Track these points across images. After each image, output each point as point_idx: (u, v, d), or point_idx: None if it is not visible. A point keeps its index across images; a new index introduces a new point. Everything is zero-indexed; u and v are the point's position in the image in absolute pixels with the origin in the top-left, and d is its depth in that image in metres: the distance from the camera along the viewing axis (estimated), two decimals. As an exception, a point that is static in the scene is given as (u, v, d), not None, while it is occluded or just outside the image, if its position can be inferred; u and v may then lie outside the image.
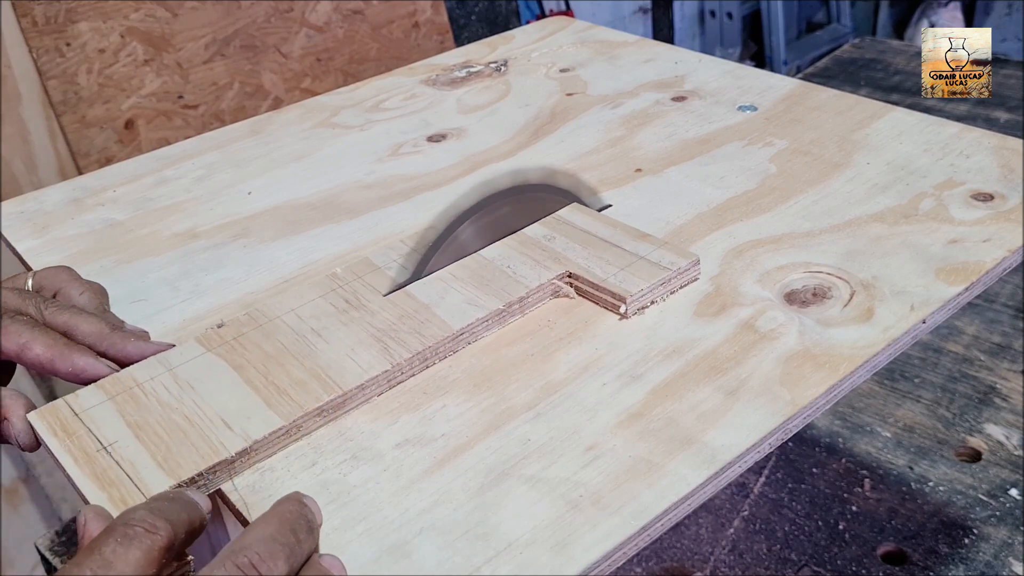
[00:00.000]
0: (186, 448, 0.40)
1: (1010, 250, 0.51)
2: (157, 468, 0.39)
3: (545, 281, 0.49)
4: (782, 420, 0.41)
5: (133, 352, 0.46)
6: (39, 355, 0.45)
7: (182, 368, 0.45)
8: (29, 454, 1.40)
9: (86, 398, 0.43)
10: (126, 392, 0.43)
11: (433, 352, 0.46)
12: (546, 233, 0.53)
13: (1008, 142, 0.62)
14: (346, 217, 0.60)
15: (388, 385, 0.44)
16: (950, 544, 0.70)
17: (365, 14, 1.58)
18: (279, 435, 0.41)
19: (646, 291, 0.48)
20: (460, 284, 0.49)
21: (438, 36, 1.70)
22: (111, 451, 0.40)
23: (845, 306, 0.48)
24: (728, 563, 0.70)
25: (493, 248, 0.52)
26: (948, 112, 1.28)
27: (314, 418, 0.42)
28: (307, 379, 0.44)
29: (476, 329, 0.47)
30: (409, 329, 0.46)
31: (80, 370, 0.45)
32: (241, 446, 0.40)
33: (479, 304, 0.48)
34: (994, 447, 0.78)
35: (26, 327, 0.45)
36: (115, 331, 0.47)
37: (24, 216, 0.63)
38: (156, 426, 0.41)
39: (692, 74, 0.76)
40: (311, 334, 0.47)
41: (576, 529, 0.36)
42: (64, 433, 0.42)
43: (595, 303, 0.49)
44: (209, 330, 0.47)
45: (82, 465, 0.40)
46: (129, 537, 0.31)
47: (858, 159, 0.61)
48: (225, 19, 1.43)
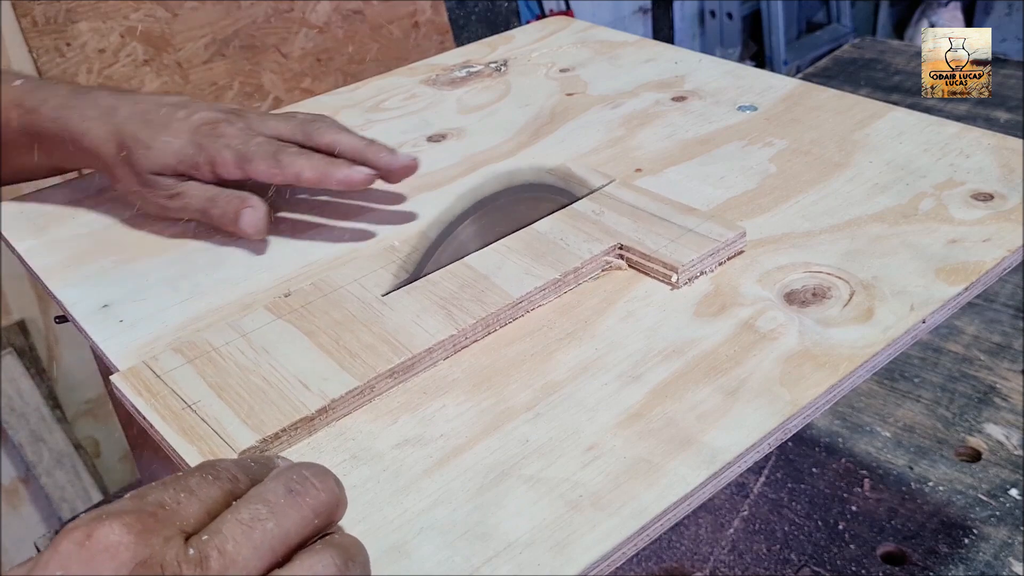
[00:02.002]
0: (267, 406, 0.42)
1: (1010, 250, 0.51)
2: (242, 425, 0.41)
3: (598, 253, 0.51)
4: (782, 420, 0.41)
5: (391, 161, 0.55)
6: (309, 178, 0.54)
7: (255, 334, 0.47)
8: (29, 455, 1.40)
9: (165, 361, 0.45)
10: (203, 356, 0.45)
11: (495, 319, 0.47)
12: (595, 208, 0.54)
13: (1008, 142, 0.62)
14: (346, 217, 0.60)
15: (453, 349, 0.46)
16: (950, 544, 0.70)
17: (365, 14, 1.58)
18: (354, 395, 0.43)
19: (696, 261, 0.50)
20: (516, 256, 0.51)
21: (438, 36, 1.70)
22: (196, 409, 0.42)
23: (845, 306, 0.48)
24: (728, 563, 0.70)
25: (545, 222, 0.54)
26: (948, 112, 1.28)
27: (386, 379, 0.44)
28: (377, 343, 0.45)
29: (533, 297, 0.49)
30: (470, 297, 0.48)
31: (346, 178, 0.54)
32: (320, 404, 0.42)
33: (535, 274, 0.49)
34: (994, 447, 0.78)
35: (295, 156, 0.54)
36: (370, 145, 0.55)
37: (24, 216, 0.63)
38: (236, 387, 0.43)
39: (692, 74, 0.76)
40: (376, 302, 0.48)
41: (576, 529, 0.36)
42: (148, 393, 0.43)
43: (646, 274, 0.51)
44: (277, 299, 0.49)
45: (170, 422, 0.42)
46: (214, 477, 0.31)
47: (858, 159, 0.61)
48: (225, 19, 1.43)
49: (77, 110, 0.58)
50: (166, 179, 0.57)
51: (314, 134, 0.57)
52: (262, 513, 0.30)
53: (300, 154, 0.55)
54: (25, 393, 1.40)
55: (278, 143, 0.56)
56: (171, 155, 0.56)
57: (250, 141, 0.56)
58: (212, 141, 0.56)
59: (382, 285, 0.49)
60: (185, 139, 0.56)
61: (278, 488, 0.31)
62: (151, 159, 0.56)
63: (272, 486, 0.31)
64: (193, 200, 0.57)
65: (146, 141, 0.56)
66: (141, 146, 0.56)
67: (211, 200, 0.56)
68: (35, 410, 1.41)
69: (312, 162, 0.55)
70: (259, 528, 0.29)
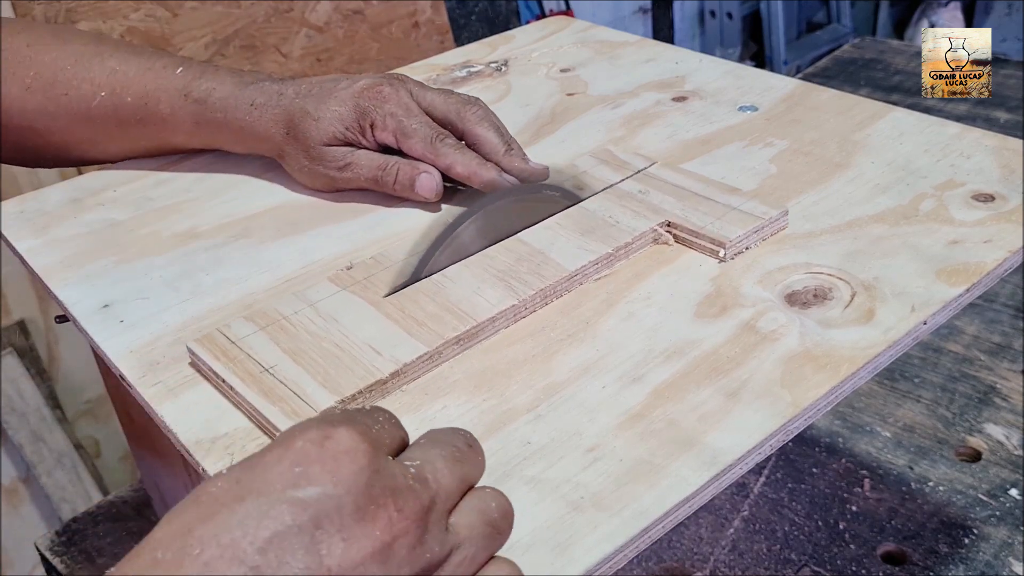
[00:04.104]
0: (342, 370, 0.44)
1: (1011, 251, 0.51)
2: (320, 387, 0.43)
3: (647, 229, 0.53)
4: (783, 422, 0.41)
5: (521, 170, 0.58)
6: (459, 173, 0.58)
7: (322, 304, 0.48)
8: (29, 455, 1.40)
9: (238, 328, 0.47)
10: (275, 324, 0.47)
11: (552, 290, 0.49)
12: (640, 188, 0.56)
13: (1008, 142, 0.62)
14: (346, 217, 0.60)
15: (514, 319, 0.48)
16: (950, 544, 0.70)
17: (365, 14, 1.58)
18: (424, 360, 0.45)
19: (743, 237, 0.52)
20: (567, 232, 0.53)
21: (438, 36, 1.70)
22: (273, 373, 0.44)
23: (846, 307, 0.48)
24: (728, 563, 0.70)
25: (593, 200, 0.56)
26: (948, 112, 1.28)
27: (452, 346, 0.46)
28: (441, 313, 0.47)
29: (588, 271, 0.51)
30: (528, 270, 0.50)
31: (491, 182, 0.57)
32: (393, 368, 0.44)
33: (588, 249, 0.51)
34: (994, 447, 0.78)
35: (451, 149, 0.58)
36: (508, 152, 0.59)
37: (24, 216, 0.63)
38: (310, 352, 0.45)
39: (692, 74, 0.76)
40: (438, 275, 0.50)
41: (577, 531, 0.36)
42: (226, 358, 0.45)
43: (693, 249, 0.53)
44: (339, 271, 0.51)
45: (250, 384, 0.43)
46: (385, 418, 0.32)
47: (859, 159, 0.61)
48: (225, 19, 1.43)
49: (245, 99, 0.61)
50: (336, 149, 0.60)
51: (466, 118, 0.60)
52: (458, 453, 0.32)
53: (456, 148, 0.58)
54: (25, 393, 1.40)
55: (438, 128, 0.59)
56: (339, 122, 0.59)
57: (412, 117, 0.59)
58: (376, 106, 0.59)
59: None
60: (350, 105, 0.59)
61: (458, 438, 0.33)
62: (321, 130, 0.59)
63: (451, 436, 0.33)
64: (364, 169, 0.59)
65: (314, 114, 0.59)
66: (310, 119, 0.59)
67: (382, 168, 0.59)
68: (35, 410, 1.41)
69: (465, 158, 0.58)
70: (458, 464, 0.31)
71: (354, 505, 0.27)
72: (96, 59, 0.64)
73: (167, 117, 0.63)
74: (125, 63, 0.64)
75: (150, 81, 0.63)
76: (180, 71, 0.63)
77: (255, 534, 0.26)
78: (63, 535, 0.80)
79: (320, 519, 0.27)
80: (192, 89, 0.62)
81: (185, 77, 0.63)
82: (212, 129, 0.63)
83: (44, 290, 0.56)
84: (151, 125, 0.64)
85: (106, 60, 0.64)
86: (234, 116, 0.61)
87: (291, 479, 0.27)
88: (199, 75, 0.63)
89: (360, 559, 0.27)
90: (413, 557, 0.28)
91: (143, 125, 0.64)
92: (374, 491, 0.28)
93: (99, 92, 0.63)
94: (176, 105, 0.63)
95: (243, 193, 0.64)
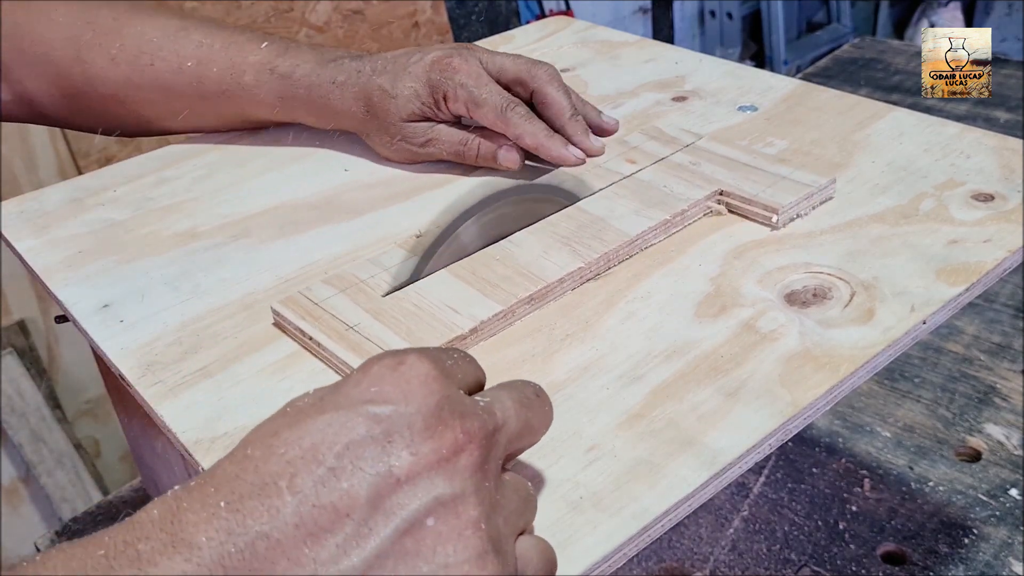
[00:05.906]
0: (423, 327, 0.46)
1: (1010, 251, 0.51)
2: (403, 343, 0.45)
3: (701, 197, 0.55)
4: (783, 421, 0.41)
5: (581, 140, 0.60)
6: (528, 143, 0.60)
7: (395, 269, 0.50)
8: (29, 455, 1.40)
9: (319, 291, 0.49)
10: (353, 287, 0.49)
11: (615, 254, 0.51)
12: (691, 159, 0.59)
13: (1008, 142, 0.62)
14: (346, 217, 0.60)
15: (580, 281, 0.50)
16: (950, 544, 0.70)
17: (365, 14, 1.58)
18: (499, 318, 0.47)
19: (794, 203, 0.54)
20: (625, 200, 0.55)
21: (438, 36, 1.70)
22: (358, 330, 0.46)
23: (846, 307, 0.48)
24: (728, 563, 0.71)
25: (647, 171, 0.58)
26: (948, 112, 1.28)
27: (525, 305, 0.48)
28: (512, 275, 0.49)
29: (647, 236, 0.53)
30: (590, 236, 0.52)
31: (559, 156, 0.59)
32: (471, 325, 0.46)
33: (647, 216, 0.53)
34: (994, 447, 0.78)
35: (521, 119, 0.59)
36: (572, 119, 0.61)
37: (24, 216, 0.63)
38: (390, 311, 0.47)
39: (692, 74, 0.76)
40: (504, 242, 0.52)
41: (577, 530, 0.36)
42: (311, 317, 0.47)
43: (746, 217, 0.55)
44: (409, 238, 0.53)
45: (337, 341, 0.45)
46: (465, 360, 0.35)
47: (859, 159, 0.61)
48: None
49: (327, 76, 0.62)
50: (416, 125, 0.61)
51: (537, 76, 0.61)
52: (526, 400, 0.34)
53: (526, 118, 0.60)
54: (25, 393, 1.41)
55: (508, 97, 0.60)
56: (415, 99, 0.60)
57: (482, 87, 0.59)
58: (447, 77, 0.59)
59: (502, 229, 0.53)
60: (423, 80, 0.60)
61: (528, 388, 0.35)
62: (399, 107, 0.60)
63: (522, 385, 0.35)
64: (445, 145, 0.61)
65: (391, 91, 0.60)
66: (388, 97, 0.60)
67: (463, 143, 0.61)
68: (35, 410, 1.41)
69: (534, 129, 0.60)
70: (524, 408, 0.34)
71: (424, 423, 0.30)
72: (182, 32, 0.65)
73: (252, 90, 0.64)
74: (210, 36, 0.65)
75: (235, 54, 0.64)
76: (265, 46, 0.64)
77: (333, 440, 0.29)
78: (63, 535, 0.80)
79: (391, 432, 0.29)
80: (277, 64, 0.63)
81: (270, 52, 0.64)
82: (295, 104, 0.64)
83: (44, 290, 0.56)
84: (235, 98, 0.65)
85: (191, 33, 0.65)
86: (317, 93, 0.63)
87: (368, 397, 0.30)
88: (283, 51, 0.64)
89: (424, 469, 0.29)
90: (476, 475, 0.30)
91: (227, 97, 0.65)
92: (443, 412, 0.30)
93: (185, 63, 0.64)
94: (261, 79, 0.64)
95: (243, 193, 0.64)
